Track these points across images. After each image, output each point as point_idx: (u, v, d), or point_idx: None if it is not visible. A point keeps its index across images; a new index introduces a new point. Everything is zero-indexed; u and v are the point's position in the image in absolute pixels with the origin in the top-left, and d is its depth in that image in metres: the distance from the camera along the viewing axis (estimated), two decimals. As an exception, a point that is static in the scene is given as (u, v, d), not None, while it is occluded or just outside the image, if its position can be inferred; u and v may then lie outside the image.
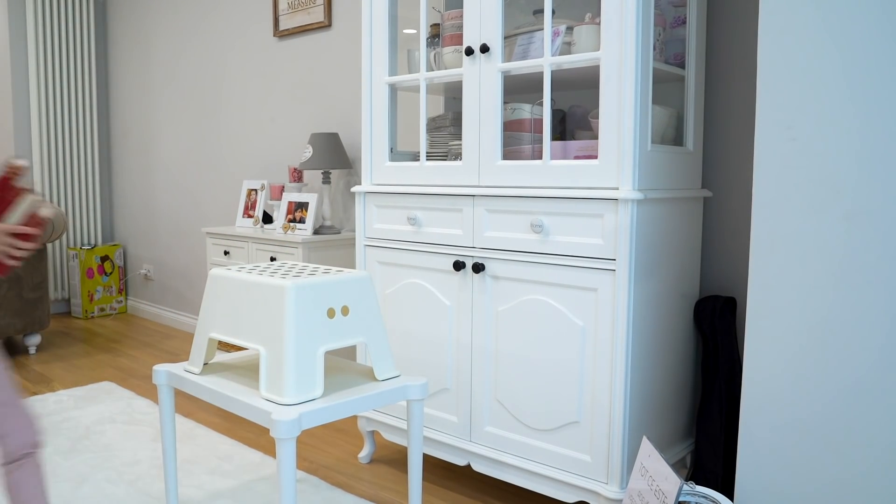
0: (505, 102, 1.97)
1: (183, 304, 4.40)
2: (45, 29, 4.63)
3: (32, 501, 1.42)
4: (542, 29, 1.87)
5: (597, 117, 1.80)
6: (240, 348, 2.64)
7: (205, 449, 2.46)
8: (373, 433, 2.41)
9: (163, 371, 1.85)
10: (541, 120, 1.88)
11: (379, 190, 2.20)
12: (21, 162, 1.30)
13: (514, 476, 1.97)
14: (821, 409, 1.48)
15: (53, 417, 2.80)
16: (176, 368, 1.86)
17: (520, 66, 1.89)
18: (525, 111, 2.04)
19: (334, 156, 3.04)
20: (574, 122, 2.19)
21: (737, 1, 2.06)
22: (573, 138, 2.08)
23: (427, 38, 2.14)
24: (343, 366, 1.88)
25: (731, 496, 1.75)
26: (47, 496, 1.46)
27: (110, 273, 4.82)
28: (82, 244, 4.87)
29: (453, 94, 2.48)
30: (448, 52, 2.09)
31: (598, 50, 1.74)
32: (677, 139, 2.06)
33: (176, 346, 4.01)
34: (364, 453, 2.39)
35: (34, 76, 4.61)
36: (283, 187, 3.46)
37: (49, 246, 4.67)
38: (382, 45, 2.20)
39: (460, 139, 2.06)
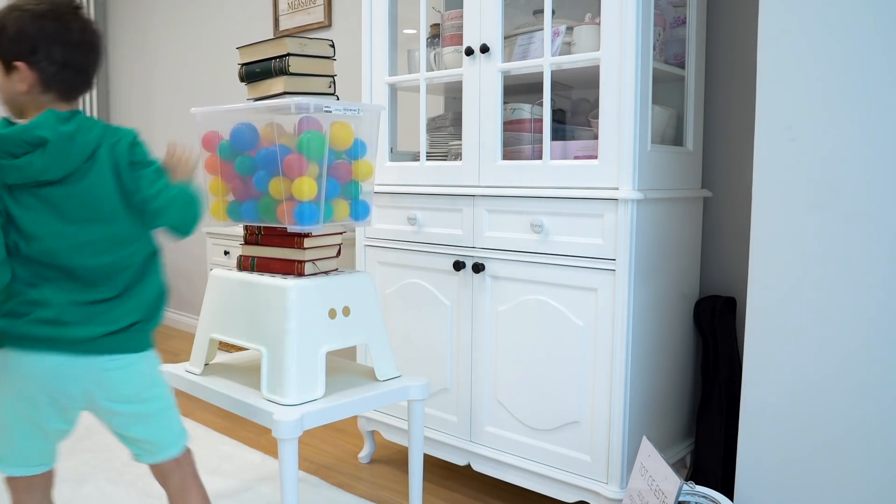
0: (505, 102, 1.97)
1: (183, 304, 4.40)
2: (44, 29, 4.63)
3: None
4: (542, 29, 1.87)
5: (597, 117, 1.80)
6: (240, 349, 2.64)
7: (205, 449, 2.46)
8: (373, 433, 2.41)
9: (164, 371, 1.85)
10: (541, 120, 1.88)
11: (379, 190, 2.20)
12: None
13: (514, 476, 1.97)
14: (821, 408, 1.48)
15: (54, 417, 2.80)
16: (177, 369, 1.86)
17: (520, 66, 1.89)
18: (525, 111, 2.04)
19: (334, 156, 3.04)
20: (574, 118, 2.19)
21: (737, 1, 2.06)
22: (573, 138, 2.08)
23: (427, 38, 2.15)
24: (344, 366, 1.88)
25: (731, 496, 1.76)
26: None
27: (110, 273, 4.81)
28: (82, 244, 4.87)
29: (453, 94, 2.48)
30: (448, 52, 2.09)
31: (598, 50, 1.75)
32: (677, 139, 2.06)
33: (176, 346, 4.01)
34: (364, 453, 2.40)
35: (34, 76, 4.60)
36: (283, 187, 3.45)
37: (49, 246, 4.67)
38: (382, 45, 2.20)
39: (460, 139, 2.06)
